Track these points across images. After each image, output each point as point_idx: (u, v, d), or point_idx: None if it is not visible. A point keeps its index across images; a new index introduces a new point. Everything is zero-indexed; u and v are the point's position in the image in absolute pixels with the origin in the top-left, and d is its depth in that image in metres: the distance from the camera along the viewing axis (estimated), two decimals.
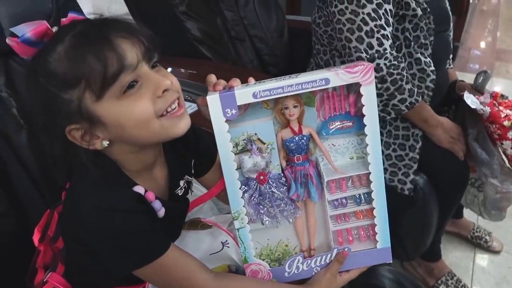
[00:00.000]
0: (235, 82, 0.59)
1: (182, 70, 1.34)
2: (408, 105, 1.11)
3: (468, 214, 1.59)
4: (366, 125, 0.58)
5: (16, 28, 0.54)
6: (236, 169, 0.59)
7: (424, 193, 1.15)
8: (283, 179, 0.63)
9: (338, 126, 0.62)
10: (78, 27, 0.53)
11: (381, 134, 1.17)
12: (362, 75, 0.56)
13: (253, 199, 0.62)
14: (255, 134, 0.60)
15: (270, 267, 0.65)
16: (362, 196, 0.64)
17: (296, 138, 0.61)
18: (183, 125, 0.57)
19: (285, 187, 0.63)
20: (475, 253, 1.58)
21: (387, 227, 0.64)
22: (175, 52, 1.31)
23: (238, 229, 0.61)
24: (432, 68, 1.15)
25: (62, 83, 0.52)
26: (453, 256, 1.56)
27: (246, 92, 0.55)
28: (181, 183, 0.69)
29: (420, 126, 1.16)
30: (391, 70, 1.07)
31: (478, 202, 1.26)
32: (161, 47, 0.57)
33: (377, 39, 1.06)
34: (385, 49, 1.07)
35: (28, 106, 0.58)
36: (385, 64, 1.07)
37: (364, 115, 0.57)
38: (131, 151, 0.59)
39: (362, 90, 0.56)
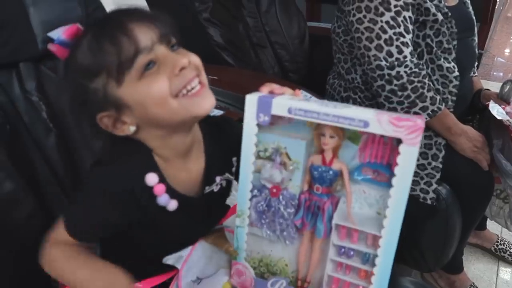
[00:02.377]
0: (285, 90, 0.58)
1: None
2: (430, 113, 1.09)
3: (492, 226, 1.56)
4: (393, 186, 0.52)
5: (51, 32, 0.59)
6: (254, 171, 0.59)
7: (447, 203, 1.13)
8: (296, 201, 0.60)
9: (372, 176, 0.57)
10: (98, 21, 0.59)
11: None
12: (407, 132, 0.49)
13: (259, 206, 0.61)
14: (285, 147, 0.58)
15: (254, 275, 0.64)
16: (370, 256, 0.58)
17: (322, 168, 0.58)
18: (205, 104, 0.57)
19: (293, 210, 0.60)
20: (498, 266, 1.54)
21: None
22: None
23: (237, 227, 0.62)
24: (456, 73, 1.13)
25: (87, 74, 0.56)
26: (476, 268, 1.52)
27: (282, 105, 0.53)
28: (218, 179, 0.68)
29: (443, 134, 1.14)
30: (412, 78, 1.06)
31: (504, 214, 1.23)
32: (177, 30, 0.59)
33: (397, 46, 1.06)
34: (405, 56, 1.06)
35: (69, 103, 0.61)
36: (405, 71, 1.06)
37: (395, 175, 0.51)
38: (159, 135, 0.60)
39: (401, 148, 0.50)
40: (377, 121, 0.49)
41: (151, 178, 0.60)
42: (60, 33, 0.58)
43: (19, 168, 0.80)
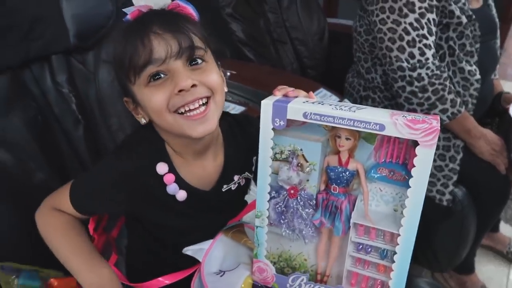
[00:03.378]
0: (299, 93, 0.58)
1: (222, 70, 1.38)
2: (450, 115, 1.10)
3: (504, 229, 1.56)
4: (410, 187, 0.53)
5: (126, 9, 0.61)
6: (272, 173, 0.60)
7: (463, 205, 1.14)
8: (314, 201, 0.61)
9: (388, 175, 0.57)
10: (137, 18, 0.61)
11: None
12: (424, 134, 0.49)
13: (278, 207, 0.62)
14: (301, 150, 0.59)
15: (275, 272, 0.65)
16: (388, 252, 0.59)
17: (339, 169, 0.58)
18: (199, 130, 0.59)
19: (311, 210, 0.61)
20: (510, 269, 1.54)
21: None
22: (220, 53, 1.35)
23: (256, 227, 0.63)
24: (478, 77, 1.13)
25: (114, 61, 0.61)
26: (487, 270, 1.53)
27: (298, 109, 0.54)
28: (236, 178, 0.70)
29: (462, 136, 1.15)
30: (433, 80, 1.07)
31: None
32: (206, 46, 0.60)
33: (419, 48, 1.06)
34: (427, 58, 1.07)
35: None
36: (426, 74, 1.07)
37: (412, 176, 0.52)
38: (170, 135, 0.63)
39: (417, 150, 0.50)
40: (392, 124, 0.50)
41: (161, 167, 0.64)
42: (129, 11, 0.61)
43: (50, 159, 0.83)
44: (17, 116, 0.79)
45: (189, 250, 0.67)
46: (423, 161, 0.50)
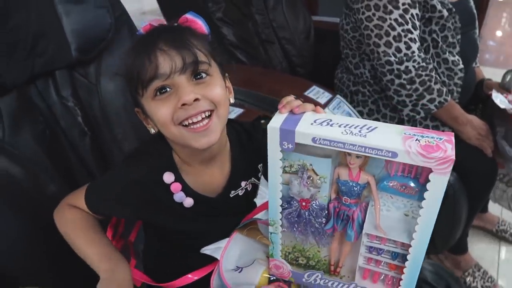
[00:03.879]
0: (305, 108, 0.57)
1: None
2: (438, 104, 1.16)
3: (492, 209, 1.64)
4: (423, 207, 0.52)
5: (142, 22, 0.64)
6: (283, 184, 0.60)
7: (454, 190, 1.19)
8: (325, 211, 0.61)
9: (399, 189, 0.56)
10: (147, 33, 0.63)
11: None
12: (437, 164, 0.47)
13: (290, 217, 0.63)
14: (311, 164, 0.58)
15: (291, 268, 0.67)
16: (399, 254, 0.60)
17: (350, 183, 0.57)
18: (203, 142, 0.61)
19: (324, 219, 0.62)
20: (500, 246, 1.62)
21: (413, 286, 0.61)
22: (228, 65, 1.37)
23: (271, 233, 0.65)
24: (461, 66, 1.19)
25: (125, 75, 0.63)
26: (479, 248, 1.60)
27: (306, 134, 0.53)
28: (243, 184, 0.73)
29: (449, 124, 1.20)
30: (420, 72, 1.12)
31: (507, 197, 1.30)
32: (210, 60, 0.62)
33: (405, 42, 1.11)
34: (413, 51, 1.12)
35: None
36: (413, 66, 1.12)
37: (425, 199, 0.51)
38: (177, 144, 0.66)
39: (431, 176, 0.48)
40: (405, 152, 0.48)
41: (168, 177, 0.67)
42: (142, 26, 0.64)
43: (60, 171, 0.85)
44: (27, 131, 0.81)
45: (207, 250, 0.70)
46: (436, 187, 0.49)
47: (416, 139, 0.49)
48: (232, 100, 0.68)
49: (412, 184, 0.55)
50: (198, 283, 0.73)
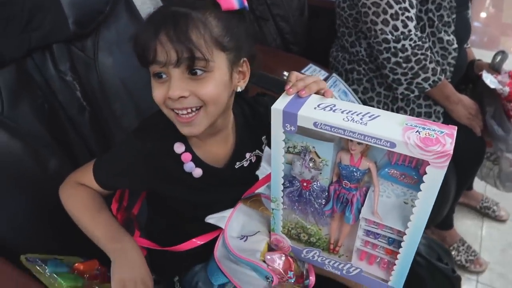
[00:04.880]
0: (310, 91, 0.58)
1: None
2: (431, 83, 1.18)
3: (477, 186, 1.70)
4: (418, 198, 0.53)
5: None
6: (286, 163, 0.61)
7: None
8: (326, 193, 0.62)
9: (399, 178, 0.57)
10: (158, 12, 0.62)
11: (405, 111, 1.25)
12: (435, 157, 0.48)
13: (291, 196, 0.64)
14: (313, 147, 0.59)
15: (291, 243, 0.70)
16: (395, 241, 0.61)
17: (350, 168, 0.58)
18: (185, 131, 0.63)
19: (323, 201, 0.63)
20: (483, 222, 1.68)
21: (405, 274, 0.63)
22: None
23: (273, 209, 0.67)
24: (455, 46, 1.21)
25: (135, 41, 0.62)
26: (463, 224, 1.66)
27: (308, 118, 0.54)
28: (247, 155, 0.74)
29: (441, 103, 1.23)
30: (416, 51, 1.14)
31: (493, 174, 1.35)
32: (213, 53, 0.59)
33: (402, 21, 1.12)
34: (410, 30, 1.13)
35: None
36: (410, 45, 1.13)
37: (421, 190, 0.51)
38: None
39: (428, 169, 0.49)
40: (403, 144, 0.48)
41: (178, 147, 0.68)
42: None
43: (60, 146, 0.85)
44: (25, 105, 0.80)
45: (212, 218, 0.72)
46: (433, 180, 0.50)
47: (417, 131, 0.49)
48: (239, 89, 0.67)
49: (412, 174, 0.55)
50: (201, 253, 0.75)
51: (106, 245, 0.66)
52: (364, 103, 1.30)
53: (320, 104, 0.55)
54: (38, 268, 0.64)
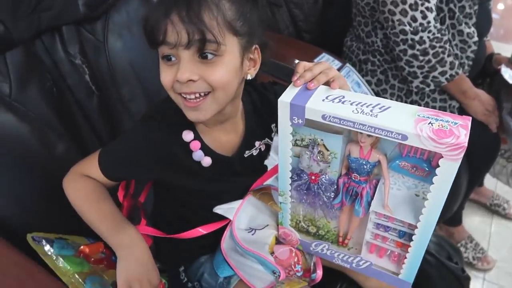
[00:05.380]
0: (318, 83, 0.56)
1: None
2: (448, 77, 1.14)
3: (487, 183, 1.67)
4: (431, 192, 0.51)
5: None
6: (294, 156, 0.60)
7: None
8: (335, 186, 0.61)
9: (410, 171, 0.55)
10: None
11: (419, 105, 1.21)
12: (448, 149, 0.46)
13: (299, 189, 0.63)
14: (322, 140, 0.57)
15: (299, 237, 0.69)
16: (406, 233, 0.60)
17: (360, 161, 0.57)
18: (191, 116, 0.62)
19: (332, 194, 0.62)
20: (492, 219, 1.66)
21: (416, 267, 0.62)
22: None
23: (280, 203, 0.66)
24: (476, 39, 1.17)
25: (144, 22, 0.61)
26: (472, 221, 1.64)
27: (316, 111, 0.52)
28: (257, 144, 0.73)
29: (457, 97, 1.20)
30: (434, 43, 1.10)
31: (507, 172, 1.32)
32: (225, 36, 0.57)
33: (421, 12, 1.08)
34: (429, 21, 1.09)
35: None
36: (428, 37, 1.10)
37: (433, 183, 0.50)
38: None
39: (441, 161, 0.47)
40: (416, 136, 0.46)
41: (187, 135, 0.66)
42: None
43: (68, 130, 0.84)
44: (34, 88, 0.79)
45: (220, 209, 0.71)
46: (446, 173, 0.48)
47: (429, 122, 0.47)
48: (249, 77, 0.65)
49: (423, 166, 0.54)
50: (208, 244, 0.74)
51: (112, 240, 0.65)
52: (377, 95, 1.27)
53: (328, 95, 0.54)
54: (44, 248, 0.64)
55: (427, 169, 0.54)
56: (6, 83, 0.74)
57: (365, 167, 0.57)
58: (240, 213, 0.71)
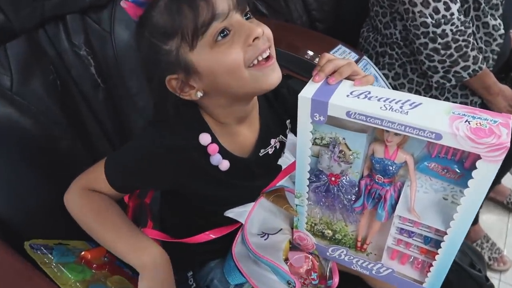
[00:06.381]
0: (341, 77, 0.52)
1: None
2: (471, 72, 1.08)
3: (504, 181, 1.61)
4: (465, 196, 0.47)
5: None
6: (312, 155, 0.56)
7: None
8: (356, 188, 0.57)
9: (440, 173, 0.52)
10: None
11: None
12: (488, 150, 0.42)
13: (318, 191, 0.60)
14: (343, 138, 0.54)
15: (315, 241, 0.65)
16: (432, 240, 0.56)
17: (385, 162, 0.53)
18: (273, 77, 0.57)
19: (353, 197, 0.58)
20: (509, 218, 1.61)
21: (443, 276, 0.57)
22: None
23: (296, 205, 0.62)
24: (502, 31, 1.11)
25: (162, 35, 0.55)
26: (488, 219, 1.59)
27: (340, 108, 0.48)
28: (272, 141, 0.69)
29: (480, 93, 1.14)
30: (457, 37, 1.04)
31: None
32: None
33: (444, 3, 1.02)
34: (452, 14, 1.03)
35: (140, 60, 0.61)
36: (451, 30, 1.04)
37: (469, 187, 0.46)
38: (223, 104, 0.60)
39: (479, 163, 0.43)
40: (451, 135, 0.43)
41: (204, 138, 0.61)
42: None
43: (72, 125, 0.80)
44: (36, 81, 0.75)
45: (231, 213, 0.67)
46: (484, 176, 0.44)
47: (466, 120, 0.43)
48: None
49: (455, 168, 0.51)
50: (217, 248, 0.71)
51: (133, 261, 0.60)
52: (395, 89, 1.22)
53: (353, 91, 0.50)
54: (43, 257, 0.60)
55: (458, 171, 0.50)
56: (7, 76, 0.71)
57: (391, 168, 0.54)
58: (252, 216, 0.68)
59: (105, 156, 0.65)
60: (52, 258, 0.61)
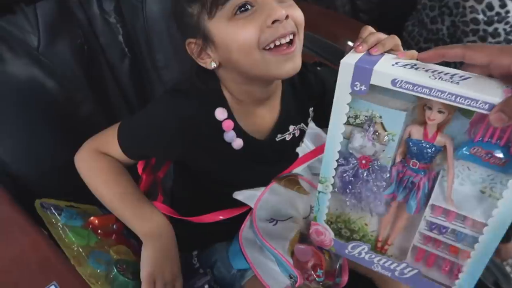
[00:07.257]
0: (384, 48, 0.48)
1: None
2: None
3: None
4: (508, 188, 0.44)
5: None
6: (343, 138, 0.52)
7: None
8: (387, 175, 0.54)
9: (484, 158, 0.48)
10: None
11: None
12: None
13: (345, 176, 0.56)
14: (380, 117, 0.51)
15: (334, 236, 0.61)
16: (467, 236, 0.52)
17: (423, 144, 0.50)
18: (288, 67, 0.53)
19: (384, 184, 0.55)
20: None
21: (476, 277, 0.53)
22: None
23: (319, 192, 0.58)
24: None
25: None
26: None
27: (385, 74, 0.45)
28: (291, 128, 0.66)
29: None
30: (510, 37, 0.96)
31: None
32: None
33: None
34: (508, 11, 0.95)
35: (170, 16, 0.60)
36: (504, 29, 0.96)
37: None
38: (238, 81, 0.58)
39: None
40: None
41: (220, 113, 0.60)
42: None
43: (95, 91, 0.80)
44: (64, 44, 0.75)
45: (240, 195, 0.65)
46: None
47: None
48: None
49: (499, 153, 0.47)
50: (225, 231, 0.69)
51: (138, 228, 0.60)
52: None
53: (398, 61, 0.46)
54: (51, 217, 0.60)
55: (503, 156, 0.46)
56: (35, 36, 0.71)
57: (428, 151, 0.50)
58: (262, 201, 0.65)
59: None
60: (60, 219, 0.61)
